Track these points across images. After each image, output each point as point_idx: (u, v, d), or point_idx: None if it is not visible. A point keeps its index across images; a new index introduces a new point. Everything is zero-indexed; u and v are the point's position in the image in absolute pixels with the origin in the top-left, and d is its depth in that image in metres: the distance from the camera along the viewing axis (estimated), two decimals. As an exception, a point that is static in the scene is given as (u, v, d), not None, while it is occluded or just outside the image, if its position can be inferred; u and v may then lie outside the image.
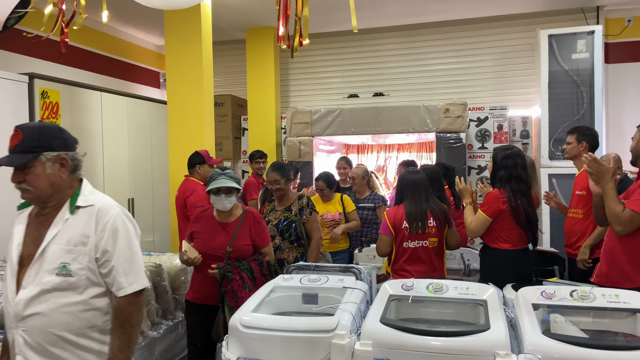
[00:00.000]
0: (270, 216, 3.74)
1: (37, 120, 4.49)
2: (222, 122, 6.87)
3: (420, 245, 3.17)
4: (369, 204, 4.68)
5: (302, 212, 3.62)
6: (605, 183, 2.61)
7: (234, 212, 3.05)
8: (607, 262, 2.68)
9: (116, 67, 6.71)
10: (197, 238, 3.00)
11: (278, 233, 3.64)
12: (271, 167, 3.73)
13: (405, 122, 5.64)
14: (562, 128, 5.41)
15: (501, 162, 3.20)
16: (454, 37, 6.72)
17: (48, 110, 4.60)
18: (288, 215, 3.66)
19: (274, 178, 3.65)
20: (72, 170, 1.95)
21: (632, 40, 6.15)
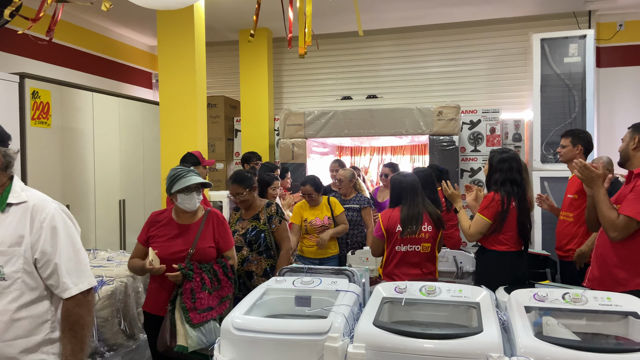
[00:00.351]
0: (237, 226, 3.53)
1: (28, 120, 4.45)
2: (215, 124, 6.85)
3: (412, 250, 3.18)
4: (354, 205, 4.62)
5: (271, 220, 3.45)
6: (597, 189, 2.62)
7: (197, 212, 2.84)
8: (599, 267, 2.68)
9: (108, 68, 6.67)
10: (154, 242, 2.74)
11: (246, 244, 3.44)
12: (231, 179, 3.53)
13: (398, 125, 5.65)
14: (554, 131, 5.45)
15: (497, 165, 3.21)
16: (448, 40, 6.75)
17: (39, 110, 4.55)
18: (256, 225, 3.47)
19: (235, 191, 3.47)
20: (4, 168, 1.79)
21: (623, 44, 6.21)
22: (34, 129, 4.51)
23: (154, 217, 2.83)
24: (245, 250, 3.41)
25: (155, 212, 2.87)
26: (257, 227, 3.46)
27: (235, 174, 3.57)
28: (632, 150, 2.66)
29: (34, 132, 4.51)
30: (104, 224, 5.25)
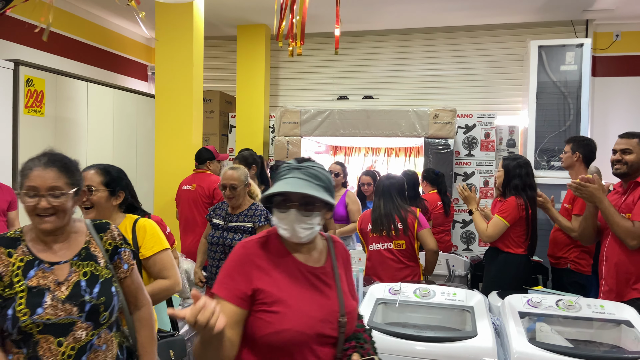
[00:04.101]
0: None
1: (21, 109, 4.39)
2: (210, 119, 6.81)
3: (385, 248, 3.28)
4: (245, 223, 3.16)
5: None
6: (600, 202, 2.59)
7: (317, 242, 1.57)
8: (616, 278, 2.61)
9: (104, 58, 6.60)
10: (273, 305, 1.42)
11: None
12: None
13: (394, 126, 5.64)
14: (549, 138, 5.47)
15: (514, 171, 3.29)
16: (445, 43, 6.76)
17: (32, 98, 4.50)
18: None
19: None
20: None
21: (619, 54, 6.25)
22: (26, 117, 4.45)
23: (252, 249, 1.49)
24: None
25: (251, 241, 1.52)
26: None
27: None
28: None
29: (26, 121, 4.45)
30: (95, 215, 5.20)
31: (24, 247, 1.56)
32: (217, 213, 3.31)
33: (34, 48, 5.39)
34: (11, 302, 1.48)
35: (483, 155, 5.92)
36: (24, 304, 1.48)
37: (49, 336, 1.49)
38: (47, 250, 1.58)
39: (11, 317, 1.47)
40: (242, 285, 1.41)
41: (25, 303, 1.48)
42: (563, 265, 3.49)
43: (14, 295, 1.48)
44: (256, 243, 1.49)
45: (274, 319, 1.38)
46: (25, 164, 1.57)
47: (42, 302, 1.49)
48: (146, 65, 7.59)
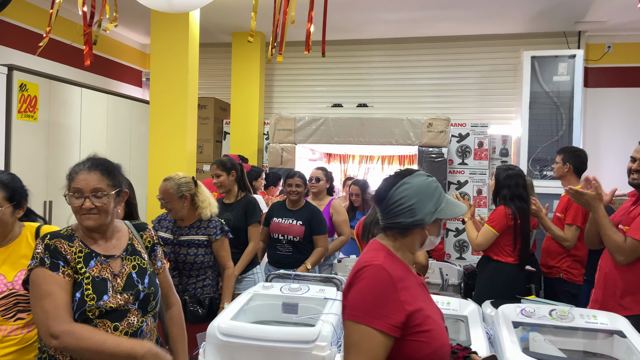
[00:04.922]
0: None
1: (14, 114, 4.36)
2: (204, 125, 6.80)
3: None
4: (199, 237, 2.90)
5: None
6: (596, 211, 2.55)
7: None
8: (604, 289, 2.60)
9: (98, 64, 6.58)
10: (424, 324, 1.39)
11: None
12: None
13: (388, 134, 5.66)
14: (541, 148, 5.52)
15: (504, 181, 3.32)
16: (440, 52, 6.80)
17: (26, 103, 4.47)
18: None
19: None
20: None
21: (611, 66, 6.33)
22: (20, 122, 4.42)
23: (392, 270, 1.41)
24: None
25: (385, 261, 1.42)
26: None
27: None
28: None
29: (19, 126, 4.43)
30: (87, 221, 5.16)
31: (79, 242, 1.69)
32: (162, 225, 3.02)
33: (27, 53, 5.37)
34: (78, 286, 1.61)
35: (476, 164, 5.95)
36: (91, 289, 1.61)
37: (106, 321, 1.62)
38: (98, 245, 1.72)
39: (78, 300, 1.59)
40: (396, 312, 1.33)
41: (92, 289, 1.62)
42: (555, 274, 3.50)
43: (81, 281, 1.62)
44: (390, 263, 1.41)
45: (428, 338, 1.35)
46: (72, 169, 1.73)
47: (107, 289, 1.64)
48: (141, 71, 7.58)
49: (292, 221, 3.61)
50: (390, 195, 1.47)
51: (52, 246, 1.61)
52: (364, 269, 1.39)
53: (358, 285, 1.37)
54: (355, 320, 1.33)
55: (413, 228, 1.46)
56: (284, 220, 3.64)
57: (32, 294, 1.58)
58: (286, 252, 3.61)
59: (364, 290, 1.35)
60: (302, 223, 3.58)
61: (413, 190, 1.45)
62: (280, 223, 3.64)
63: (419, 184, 1.46)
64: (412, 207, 1.44)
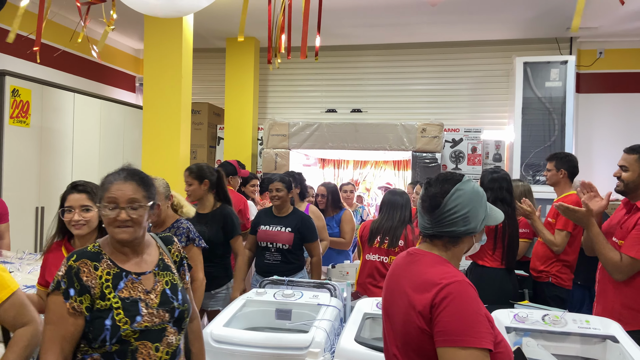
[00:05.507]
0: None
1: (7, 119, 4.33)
2: (198, 130, 6.79)
3: (380, 261, 3.27)
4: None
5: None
6: (589, 228, 2.51)
7: None
8: (603, 304, 2.56)
9: (91, 69, 6.57)
10: (498, 335, 1.44)
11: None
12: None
13: (382, 140, 5.68)
14: (534, 153, 5.54)
15: (488, 184, 3.28)
16: (433, 58, 6.84)
17: (18, 108, 4.45)
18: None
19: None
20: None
21: (602, 72, 6.38)
22: (12, 127, 4.40)
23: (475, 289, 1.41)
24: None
25: (464, 278, 1.41)
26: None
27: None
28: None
29: (11, 131, 4.40)
30: (79, 227, 5.13)
31: (107, 260, 1.59)
32: None
33: (20, 58, 5.35)
34: (107, 312, 1.51)
35: (470, 169, 5.97)
36: (122, 313, 1.52)
37: (146, 342, 1.54)
38: (129, 262, 1.63)
39: (110, 327, 1.50)
40: (489, 327, 1.31)
41: (123, 312, 1.53)
42: (545, 278, 3.50)
43: (109, 306, 1.52)
44: (463, 275, 1.39)
45: (504, 348, 1.34)
46: (105, 178, 1.64)
47: (139, 310, 1.55)
48: (134, 77, 7.57)
49: (280, 228, 3.44)
50: (445, 203, 1.42)
51: (75, 269, 1.52)
52: (449, 287, 1.32)
53: (450, 306, 1.30)
54: (463, 345, 1.26)
55: (465, 236, 1.44)
56: (272, 228, 3.46)
57: (45, 315, 1.53)
58: (275, 261, 3.43)
59: (461, 312, 1.29)
60: (291, 230, 3.41)
61: (467, 197, 1.42)
62: (268, 230, 3.46)
63: (471, 191, 1.43)
64: (466, 215, 1.41)
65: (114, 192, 1.59)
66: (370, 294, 3.16)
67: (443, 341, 1.28)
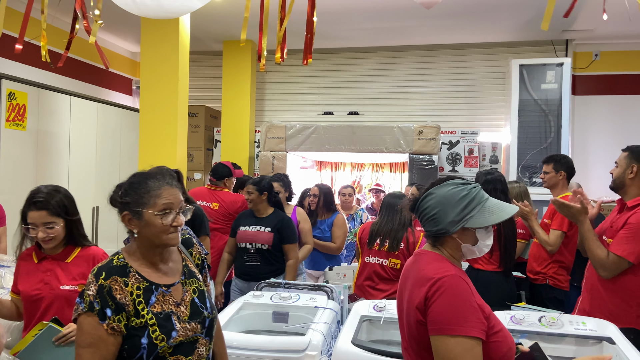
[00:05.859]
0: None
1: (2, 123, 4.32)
2: (195, 133, 6.79)
3: (380, 263, 3.26)
4: None
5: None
6: (581, 225, 2.56)
7: None
8: (590, 300, 2.60)
9: (87, 72, 6.56)
10: (495, 326, 1.48)
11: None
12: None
13: (379, 142, 5.68)
14: (530, 155, 5.56)
15: (482, 186, 3.26)
16: (429, 61, 6.85)
17: (14, 112, 4.44)
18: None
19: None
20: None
21: (598, 74, 6.41)
22: (8, 130, 4.39)
23: (464, 277, 1.50)
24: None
25: (455, 269, 1.50)
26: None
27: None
28: (629, 180, 2.55)
29: (8, 134, 4.39)
30: (76, 231, 5.12)
31: (135, 274, 1.52)
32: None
33: (16, 61, 5.34)
34: (143, 330, 1.46)
35: (467, 171, 5.98)
36: (158, 330, 1.47)
37: (180, 356, 1.50)
38: (157, 272, 1.57)
39: (147, 345, 1.45)
40: (481, 316, 1.38)
41: (159, 329, 1.47)
42: (542, 280, 3.51)
43: (144, 323, 1.46)
44: (461, 273, 1.46)
45: (502, 337, 1.41)
46: (149, 185, 1.56)
47: (173, 325, 1.50)
48: (131, 79, 7.56)
49: (260, 228, 3.43)
50: (418, 206, 1.55)
51: (107, 288, 1.44)
52: (441, 280, 1.41)
53: (441, 298, 1.38)
54: (453, 333, 1.33)
55: (441, 237, 1.51)
56: (251, 228, 3.47)
57: (76, 338, 1.46)
58: (254, 262, 3.41)
59: (451, 302, 1.37)
60: (271, 230, 3.41)
61: (437, 200, 1.50)
62: (247, 231, 3.47)
63: (443, 194, 1.50)
64: (434, 216, 1.50)
65: (167, 197, 1.53)
66: (369, 296, 3.16)
67: (434, 330, 1.37)
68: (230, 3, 5.39)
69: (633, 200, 2.53)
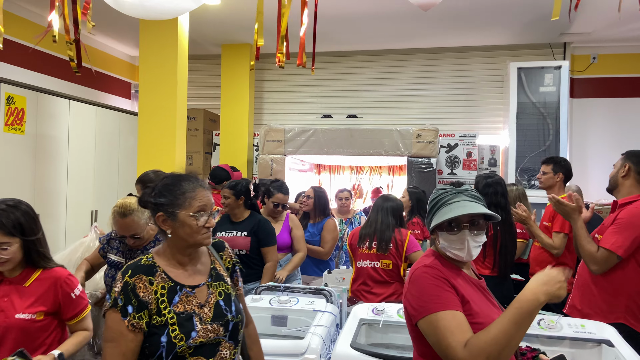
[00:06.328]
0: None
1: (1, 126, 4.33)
2: (194, 137, 6.79)
3: (372, 266, 3.25)
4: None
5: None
6: (574, 222, 2.63)
7: None
8: (580, 297, 2.66)
9: (86, 76, 6.57)
10: (475, 318, 1.51)
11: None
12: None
13: (378, 145, 5.69)
14: (529, 158, 5.57)
15: (482, 190, 3.27)
16: (428, 64, 6.87)
17: (13, 116, 4.44)
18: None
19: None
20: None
21: (596, 77, 6.42)
22: (6, 134, 4.39)
23: (439, 270, 1.55)
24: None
25: (431, 263, 1.58)
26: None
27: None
28: (621, 178, 2.64)
29: (6, 138, 4.39)
30: (74, 234, 5.11)
31: (162, 274, 1.55)
32: (112, 246, 2.72)
33: (14, 65, 5.35)
34: (163, 329, 1.49)
35: (465, 174, 5.99)
36: (178, 329, 1.49)
37: (200, 358, 1.52)
38: (184, 273, 1.59)
39: (166, 344, 1.47)
40: (456, 296, 1.46)
41: (178, 329, 1.50)
42: (543, 284, 3.50)
43: (165, 322, 1.49)
44: (436, 264, 1.54)
45: (478, 330, 1.43)
46: (183, 187, 1.59)
47: (194, 325, 1.52)
48: (130, 83, 7.57)
49: (236, 233, 3.36)
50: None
51: (131, 286, 1.49)
52: (414, 273, 1.55)
53: (415, 287, 1.50)
54: (433, 311, 1.42)
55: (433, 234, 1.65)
56: (228, 234, 3.39)
57: (103, 332, 1.51)
58: None
59: (423, 288, 1.48)
60: (247, 234, 3.33)
61: (429, 202, 1.68)
62: (224, 237, 3.37)
63: (430, 197, 1.68)
64: (427, 216, 1.67)
65: (201, 199, 1.58)
66: (365, 300, 3.16)
67: (415, 317, 1.47)
68: (229, 7, 5.40)
69: (624, 198, 2.62)
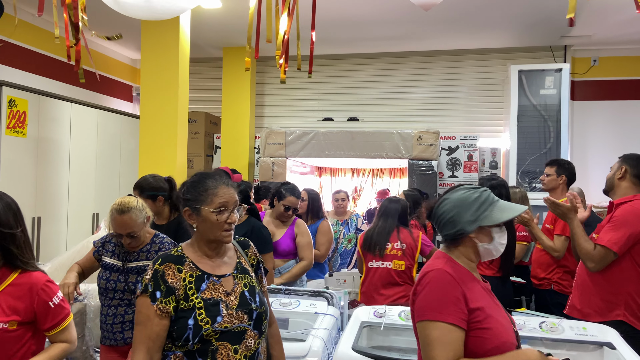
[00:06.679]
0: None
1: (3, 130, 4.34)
2: (195, 139, 6.80)
3: (384, 267, 3.25)
4: (147, 262, 2.59)
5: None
6: (570, 222, 2.68)
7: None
8: (579, 296, 2.70)
9: (88, 79, 6.57)
10: (485, 322, 1.51)
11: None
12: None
13: (378, 148, 5.69)
14: (530, 160, 5.57)
15: None
16: (429, 67, 6.88)
17: (15, 119, 4.45)
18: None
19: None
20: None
21: (597, 79, 6.43)
22: (8, 137, 4.40)
23: (453, 273, 1.56)
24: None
25: (446, 266, 1.57)
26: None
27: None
28: (618, 180, 2.69)
29: (8, 141, 4.40)
30: (76, 237, 5.12)
31: (190, 264, 1.64)
32: (107, 249, 2.55)
33: (16, 68, 5.36)
34: (191, 312, 1.57)
35: (466, 177, 5.98)
36: (204, 313, 1.57)
37: (226, 343, 1.58)
38: (211, 264, 1.68)
39: (193, 327, 1.55)
40: (463, 307, 1.48)
41: (205, 313, 1.58)
42: (546, 286, 3.50)
43: (192, 306, 1.58)
44: (451, 267, 1.56)
45: (489, 335, 1.48)
46: (207, 184, 1.67)
47: (220, 310, 1.59)
48: (131, 86, 7.58)
49: None
50: (435, 212, 1.66)
51: (160, 273, 1.59)
52: (427, 274, 1.56)
53: (425, 289, 1.53)
54: (432, 319, 1.47)
55: (460, 238, 1.60)
56: None
57: (135, 316, 1.60)
58: None
59: (432, 292, 1.51)
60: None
61: (452, 204, 1.62)
62: None
63: (457, 198, 1.62)
64: (451, 219, 1.60)
65: (224, 196, 1.65)
66: (375, 302, 3.14)
67: (417, 317, 1.53)
68: (230, 10, 5.41)
69: (619, 199, 2.66)
